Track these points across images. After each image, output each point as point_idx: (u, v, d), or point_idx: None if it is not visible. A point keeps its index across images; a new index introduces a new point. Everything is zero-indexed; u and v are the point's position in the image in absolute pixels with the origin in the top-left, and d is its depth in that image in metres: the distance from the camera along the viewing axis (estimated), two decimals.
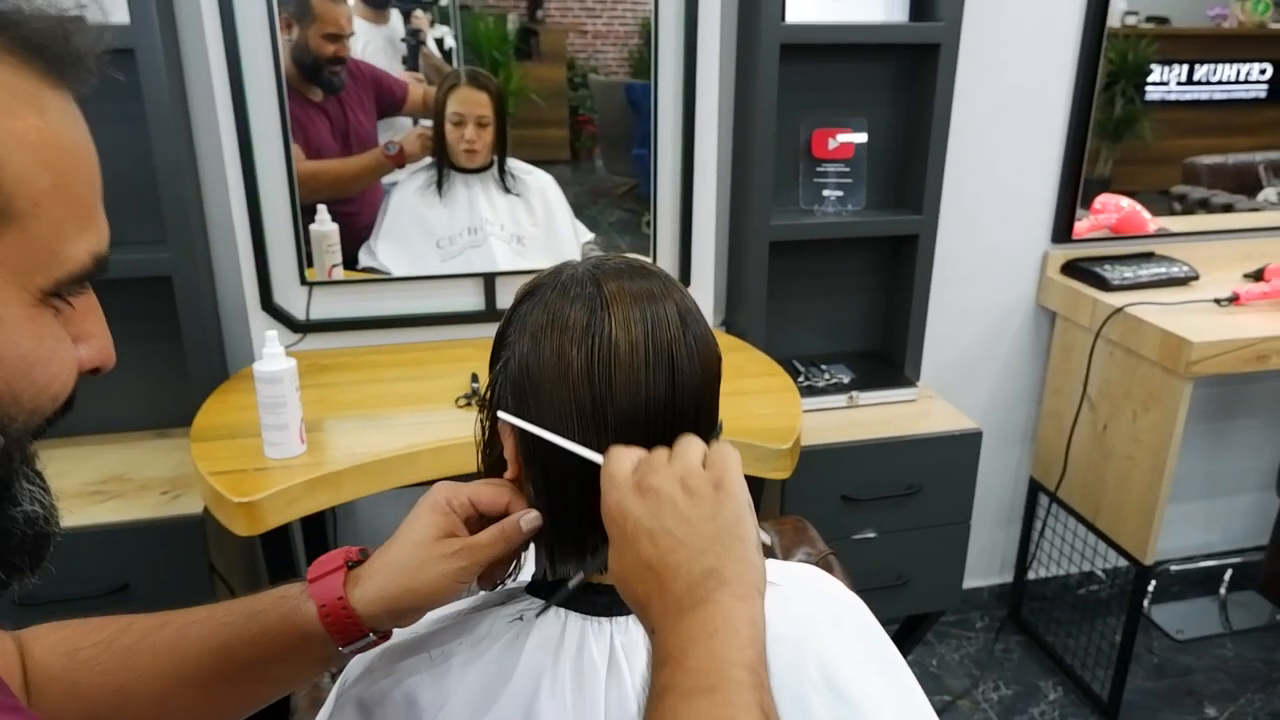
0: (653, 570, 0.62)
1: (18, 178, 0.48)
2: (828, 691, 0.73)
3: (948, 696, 2.43)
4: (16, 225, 0.48)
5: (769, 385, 1.89)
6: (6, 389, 0.50)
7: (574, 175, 2.10)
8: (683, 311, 0.74)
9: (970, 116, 2.21)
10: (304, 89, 1.87)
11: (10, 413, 0.50)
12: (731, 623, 0.58)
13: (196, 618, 0.76)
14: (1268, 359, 2.04)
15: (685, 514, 0.63)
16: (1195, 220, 2.51)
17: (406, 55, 1.91)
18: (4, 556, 0.53)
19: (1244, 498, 2.83)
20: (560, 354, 0.71)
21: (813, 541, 1.39)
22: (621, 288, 0.74)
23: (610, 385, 0.71)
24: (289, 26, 1.82)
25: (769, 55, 1.92)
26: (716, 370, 0.77)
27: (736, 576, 0.60)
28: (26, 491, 0.53)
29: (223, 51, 1.77)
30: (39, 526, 0.54)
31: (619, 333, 0.71)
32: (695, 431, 0.72)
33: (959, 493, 2.07)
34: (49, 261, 0.50)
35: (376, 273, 2.00)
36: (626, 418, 0.71)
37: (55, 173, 0.50)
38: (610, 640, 0.74)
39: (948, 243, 2.25)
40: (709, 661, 0.56)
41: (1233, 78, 2.40)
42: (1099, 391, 2.30)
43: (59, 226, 0.50)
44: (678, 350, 0.72)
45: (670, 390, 0.72)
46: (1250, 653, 2.61)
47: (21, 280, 0.49)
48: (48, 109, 0.50)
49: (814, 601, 0.81)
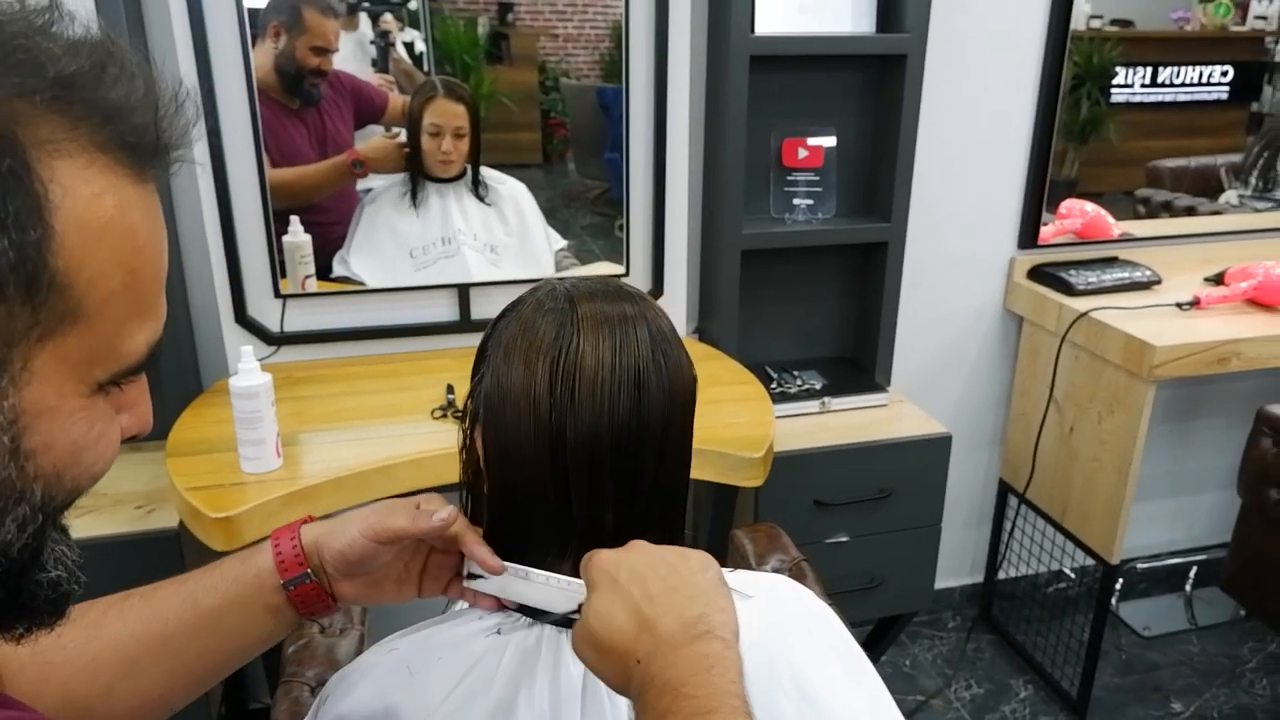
0: (641, 610, 0.66)
1: (92, 280, 0.48)
2: (800, 699, 0.75)
3: (921, 696, 2.47)
4: (83, 324, 0.48)
5: (742, 393, 1.91)
6: (54, 472, 0.51)
7: (546, 179, 2.11)
8: (654, 334, 0.76)
9: (937, 125, 2.25)
10: (283, 98, 1.87)
11: (52, 493, 0.51)
12: (724, 661, 0.63)
13: (163, 584, 0.81)
14: (1228, 361, 2.08)
15: (674, 565, 0.69)
16: (1158, 224, 2.55)
17: (376, 58, 1.91)
18: (27, 616, 0.55)
19: (1207, 496, 2.88)
20: (527, 365, 0.74)
21: (786, 548, 1.41)
22: (595, 307, 0.76)
23: (573, 399, 0.72)
24: (277, 35, 1.82)
25: (739, 67, 1.95)
26: (689, 395, 0.78)
27: (722, 625, 0.65)
28: (53, 555, 0.54)
29: (194, 62, 1.77)
30: (62, 588, 0.55)
31: (586, 348, 0.73)
32: (664, 455, 0.75)
33: (930, 496, 2.10)
34: (109, 357, 0.51)
35: (350, 282, 2.01)
36: (588, 434, 0.73)
37: (128, 271, 0.50)
38: None
39: (916, 249, 2.28)
40: (707, 689, 0.61)
41: (1195, 80, 2.45)
42: (1065, 394, 2.34)
43: (123, 324, 0.51)
44: (645, 369, 0.74)
45: (635, 410, 0.73)
46: (1215, 648, 2.66)
47: (81, 375, 0.50)
48: (131, 207, 0.50)
49: (786, 611, 0.83)
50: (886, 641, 2.34)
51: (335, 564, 0.80)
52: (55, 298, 0.47)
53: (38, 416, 0.49)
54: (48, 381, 0.48)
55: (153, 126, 0.50)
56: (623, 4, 1.96)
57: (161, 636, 0.78)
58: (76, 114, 0.47)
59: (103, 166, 0.48)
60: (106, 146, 0.48)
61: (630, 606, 0.66)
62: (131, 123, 0.49)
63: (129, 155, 0.49)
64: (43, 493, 0.51)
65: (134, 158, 0.50)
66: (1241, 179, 2.60)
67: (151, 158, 0.51)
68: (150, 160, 0.51)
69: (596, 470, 0.73)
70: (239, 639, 0.81)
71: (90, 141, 0.47)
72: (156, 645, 0.78)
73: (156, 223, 0.53)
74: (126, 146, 0.49)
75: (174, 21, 1.75)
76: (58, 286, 0.46)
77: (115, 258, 0.49)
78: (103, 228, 0.48)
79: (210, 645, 0.80)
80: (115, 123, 0.48)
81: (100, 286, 0.48)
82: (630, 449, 0.74)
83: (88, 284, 0.48)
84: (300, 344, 2.01)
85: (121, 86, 0.49)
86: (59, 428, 0.50)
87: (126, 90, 0.49)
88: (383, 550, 0.79)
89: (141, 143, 0.50)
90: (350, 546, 0.79)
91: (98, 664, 0.76)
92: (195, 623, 0.78)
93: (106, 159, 0.48)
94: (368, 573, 0.82)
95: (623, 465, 0.73)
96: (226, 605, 0.79)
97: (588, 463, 0.73)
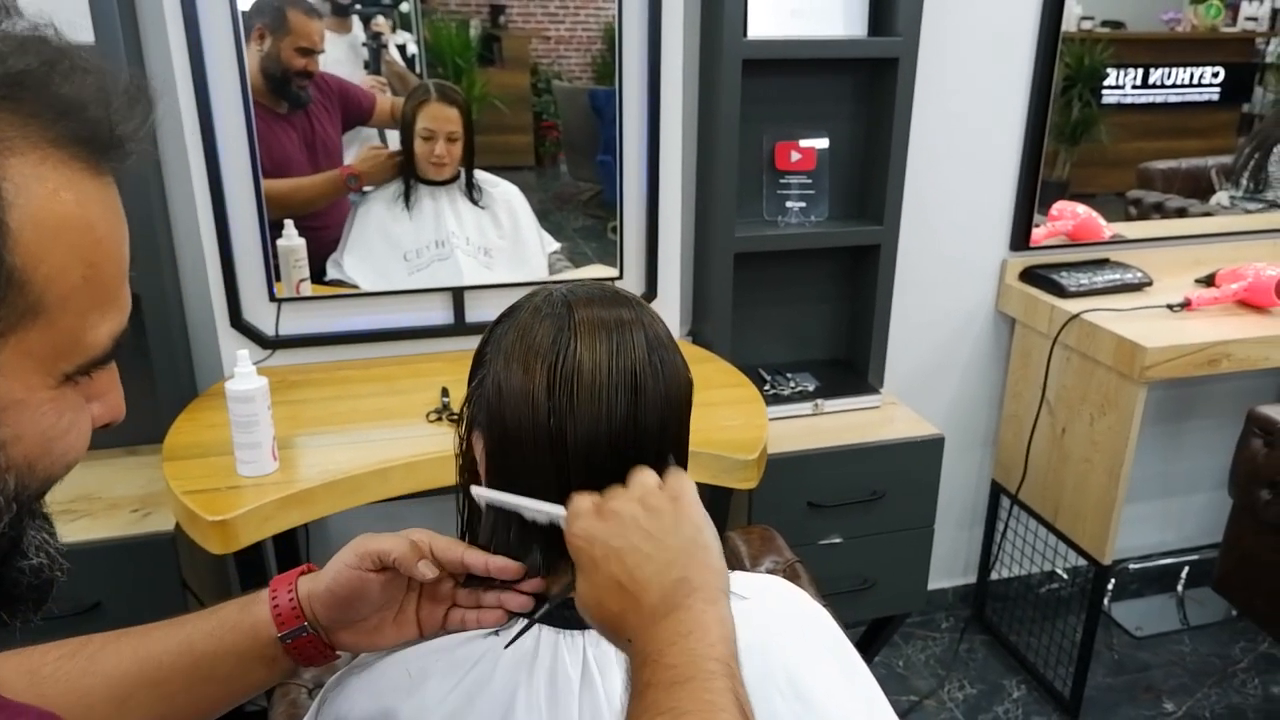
0: (624, 588, 0.66)
1: (50, 276, 0.48)
2: (795, 699, 0.76)
3: (914, 697, 2.48)
4: (45, 319, 0.49)
5: (735, 396, 1.92)
6: (25, 462, 0.51)
7: (538, 181, 2.11)
8: (651, 338, 0.76)
9: (929, 127, 2.26)
10: (271, 102, 1.88)
11: (25, 483, 0.52)
12: (703, 624, 0.62)
13: (159, 624, 0.80)
14: (1218, 363, 2.10)
15: (649, 530, 0.68)
16: (1149, 226, 2.57)
17: (368, 60, 1.92)
18: (10, 604, 0.55)
19: (1199, 497, 2.90)
20: (525, 369, 0.74)
21: (780, 550, 1.42)
22: (592, 312, 0.76)
23: (572, 402, 0.73)
24: (261, 38, 1.82)
25: (731, 70, 1.95)
26: (685, 396, 0.79)
27: (704, 583, 0.65)
28: (34, 542, 0.55)
29: (188, 67, 1.77)
30: (44, 575, 0.56)
31: (584, 352, 0.74)
32: (661, 457, 0.75)
33: (923, 497, 2.11)
34: (74, 349, 0.51)
35: (344, 285, 2.01)
36: (587, 437, 0.73)
37: (87, 265, 0.50)
38: (583, 653, 0.76)
39: (909, 252, 2.29)
40: (684, 657, 0.61)
41: (1186, 81, 2.47)
42: (1057, 396, 2.36)
43: (85, 316, 0.51)
44: (641, 371, 0.75)
45: (632, 411, 0.74)
46: (1207, 648, 2.68)
47: (47, 368, 0.50)
48: (89, 200, 0.50)
49: (781, 612, 0.84)
50: (880, 642, 2.35)
51: (325, 604, 0.78)
52: (15, 294, 0.47)
53: (5, 410, 0.49)
54: (13, 376, 0.49)
55: (106, 120, 0.50)
56: (615, 6, 1.96)
57: (155, 679, 0.77)
58: (28, 111, 0.47)
59: (57, 162, 0.48)
60: (60, 142, 0.48)
61: (612, 587, 0.66)
62: (84, 117, 0.49)
63: (84, 150, 0.50)
64: (15, 483, 0.51)
65: (89, 152, 0.50)
66: (1232, 180, 2.62)
67: (107, 151, 0.51)
68: (105, 154, 0.51)
69: (595, 473, 0.74)
70: (233, 685, 0.81)
71: (42, 138, 0.48)
72: (149, 686, 0.77)
73: (116, 216, 0.53)
74: (80, 141, 0.49)
75: (169, 30, 1.76)
76: (16, 283, 0.47)
77: (74, 252, 0.49)
78: (59, 223, 0.48)
79: (204, 691, 0.79)
80: (68, 118, 0.49)
81: (60, 281, 0.49)
82: (629, 452, 0.74)
83: (46, 280, 0.48)
84: (295, 348, 2.02)
85: (73, 82, 0.49)
86: (28, 419, 0.50)
87: (78, 85, 0.49)
88: (371, 580, 0.78)
89: (95, 136, 0.50)
90: (336, 580, 0.78)
91: (89, 701, 0.76)
92: (190, 667, 0.78)
93: (61, 154, 0.48)
94: (362, 616, 0.80)
95: (621, 468, 0.74)
96: (223, 653, 0.78)
97: (586, 465, 0.74)
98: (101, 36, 1.62)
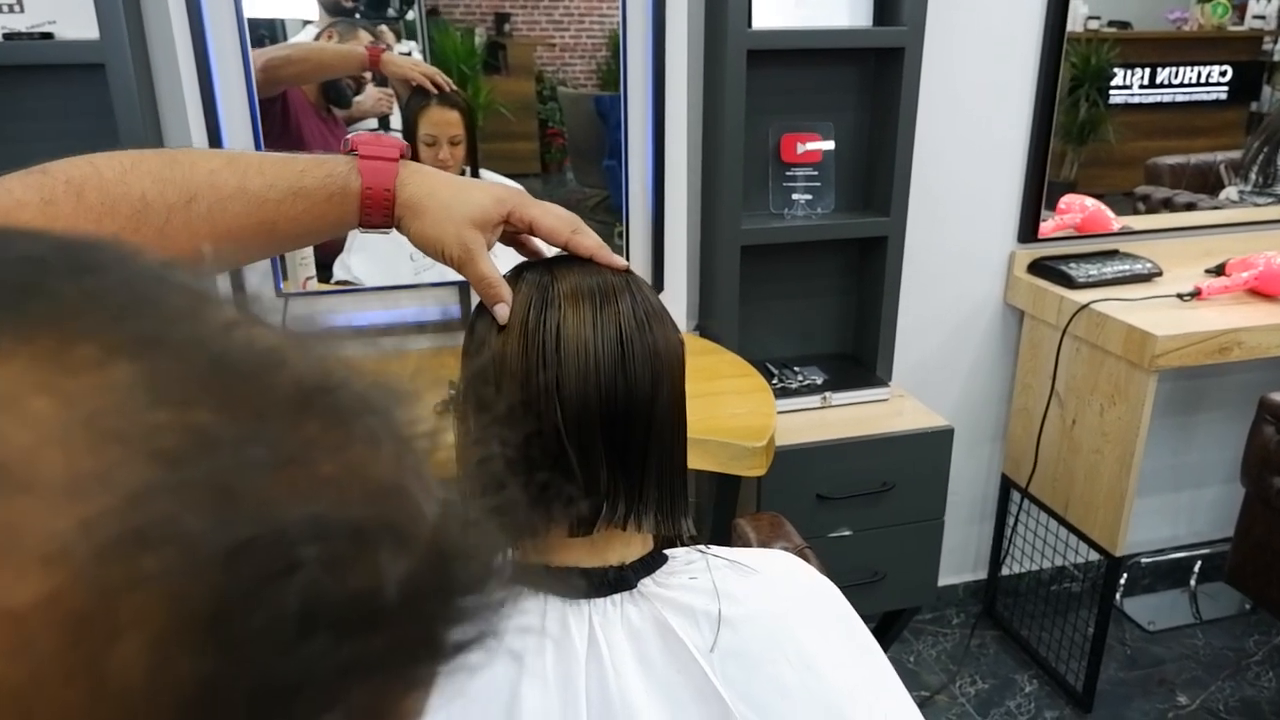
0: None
1: None
2: (804, 668, 0.75)
3: (925, 692, 2.46)
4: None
5: (743, 386, 1.91)
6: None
7: (544, 188, 2.12)
8: (638, 301, 0.78)
9: (935, 119, 2.25)
10: (321, 104, 1.95)
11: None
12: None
13: (229, 191, 0.73)
14: (1229, 351, 2.08)
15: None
16: (1158, 218, 2.56)
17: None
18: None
19: (1210, 490, 2.88)
20: (517, 334, 0.75)
21: (789, 536, 1.41)
22: (577, 278, 0.78)
23: (559, 359, 0.74)
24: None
25: (736, 62, 1.95)
26: (676, 359, 0.79)
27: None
28: None
29: (194, 64, 1.78)
30: None
31: (569, 312, 0.75)
32: (653, 427, 0.75)
33: (932, 490, 2.10)
34: None
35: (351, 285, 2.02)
36: (578, 400, 0.74)
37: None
38: (589, 621, 0.76)
39: (916, 244, 2.28)
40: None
41: (1193, 80, 2.46)
42: (1067, 387, 2.34)
43: None
44: (628, 331, 0.75)
45: (620, 369, 0.75)
46: (1220, 641, 2.66)
47: None
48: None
49: (791, 582, 0.83)
50: (890, 637, 2.33)
51: (415, 235, 0.79)
52: None
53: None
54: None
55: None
56: (619, 13, 1.97)
57: (218, 197, 0.73)
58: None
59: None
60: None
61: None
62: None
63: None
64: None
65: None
66: (1241, 175, 2.61)
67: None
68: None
69: (588, 437, 0.74)
70: (294, 239, 0.80)
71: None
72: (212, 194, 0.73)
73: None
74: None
75: (175, 27, 1.76)
76: None
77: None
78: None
79: (263, 214, 0.75)
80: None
81: None
82: (620, 415, 0.74)
83: None
84: None
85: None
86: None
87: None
88: (490, 238, 0.79)
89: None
90: (441, 239, 0.79)
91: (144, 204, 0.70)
92: (266, 242, 0.77)
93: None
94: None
95: (614, 435, 0.73)
96: (299, 221, 0.77)
97: (578, 431, 0.74)
98: (106, 30, 1.62)
